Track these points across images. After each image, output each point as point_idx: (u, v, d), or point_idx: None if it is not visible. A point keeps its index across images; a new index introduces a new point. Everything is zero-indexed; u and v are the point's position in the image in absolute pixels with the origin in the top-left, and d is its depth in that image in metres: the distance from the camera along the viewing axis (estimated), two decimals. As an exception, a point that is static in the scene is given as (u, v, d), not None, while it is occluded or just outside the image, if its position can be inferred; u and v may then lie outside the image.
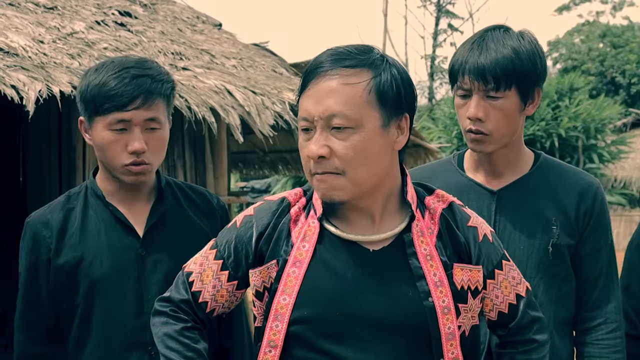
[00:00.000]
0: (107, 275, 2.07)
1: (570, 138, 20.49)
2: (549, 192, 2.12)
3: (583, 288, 2.14)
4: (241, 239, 1.72)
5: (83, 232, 2.10)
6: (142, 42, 5.90)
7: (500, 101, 2.01)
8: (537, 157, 2.19)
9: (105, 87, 2.00)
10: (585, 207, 2.10)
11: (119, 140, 2.03)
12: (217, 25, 7.94)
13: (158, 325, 1.76)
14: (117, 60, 2.08)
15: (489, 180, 2.15)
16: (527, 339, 1.79)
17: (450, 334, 1.61)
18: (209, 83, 5.40)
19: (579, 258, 2.13)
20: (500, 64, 1.98)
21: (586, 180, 2.14)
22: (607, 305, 2.13)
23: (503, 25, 2.10)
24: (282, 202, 1.73)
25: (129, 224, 2.12)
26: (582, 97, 22.04)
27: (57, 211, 2.13)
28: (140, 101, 2.01)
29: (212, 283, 1.74)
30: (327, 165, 1.57)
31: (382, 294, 1.61)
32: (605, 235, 2.15)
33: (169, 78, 2.11)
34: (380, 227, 1.66)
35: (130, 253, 2.10)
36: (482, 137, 2.04)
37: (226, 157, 6.54)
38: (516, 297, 1.76)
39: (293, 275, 1.63)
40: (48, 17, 5.55)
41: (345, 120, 1.55)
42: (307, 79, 1.60)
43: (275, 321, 1.63)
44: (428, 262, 1.63)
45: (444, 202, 1.73)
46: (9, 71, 4.09)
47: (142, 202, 2.16)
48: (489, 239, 1.74)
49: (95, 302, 2.08)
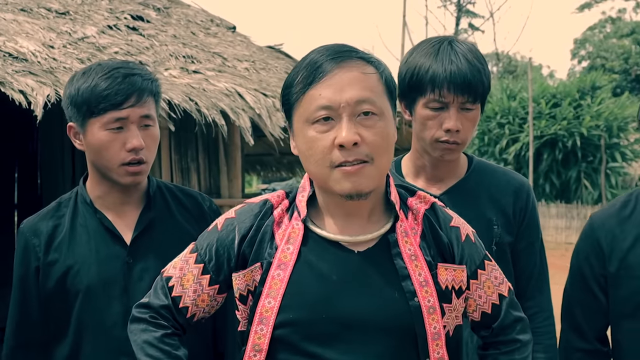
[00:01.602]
0: (94, 284, 2.07)
1: (593, 137, 20.32)
2: (487, 194, 2.19)
3: (519, 280, 2.22)
4: (223, 242, 1.70)
5: (71, 241, 2.10)
6: (154, 46, 5.93)
7: (472, 112, 2.09)
8: (470, 160, 2.26)
9: (98, 88, 2.01)
10: (520, 204, 2.20)
11: (116, 140, 2.04)
12: (231, 28, 7.96)
13: (137, 332, 1.73)
14: (103, 64, 2.10)
15: (429, 185, 2.20)
16: (510, 339, 1.78)
17: (436, 334, 1.61)
18: (219, 86, 5.42)
19: (515, 252, 2.22)
20: (479, 78, 2.05)
21: (517, 179, 2.24)
22: (540, 295, 2.25)
23: (454, 37, 2.16)
24: (264, 204, 1.71)
25: (116, 232, 2.12)
26: (605, 96, 21.83)
27: (47, 219, 2.14)
28: (134, 99, 2.03)
29: (193, 287, 1.72)
30: (358, 152, 1.54)
31: (368, 295, 1.60)
32: (536, 230, 2.26)
33: (155, 77, 2.15)
34: (366, 228, 1.66)
35: (118, 262, 2.10)
36: (455, 147, 2.10)
37: (240, 160, 6.55)
38: (499, 297, 1.76)
39: (278, 278, 1.62)
40: (60, 22, 5.60)
41: (374, 107, 1.55)
42: (320, 70, 1.57)
43: (260, 325, 1.61)
44: (413, 262, 1.63)
45: (426, 203, 1.73)
46: (17, 76, 4.13)
47: (131, 207, 2.16)
48: (471, 239, 1.75)
49: (83, 311, 2.07)
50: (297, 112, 1.60)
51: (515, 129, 21.25)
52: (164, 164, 6.02)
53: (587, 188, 20.61)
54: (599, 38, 33.32)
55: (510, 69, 35.32)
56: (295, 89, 1.60)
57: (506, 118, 21.60)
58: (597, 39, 33.25)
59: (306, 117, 1.57)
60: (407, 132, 9.71)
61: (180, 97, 4.84)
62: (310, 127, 1.57)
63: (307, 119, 1.57)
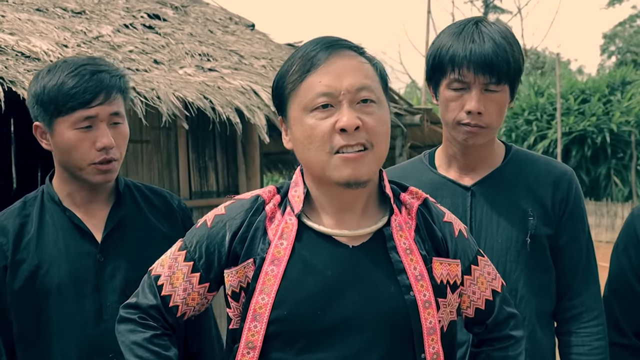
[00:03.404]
0: (64, 282, 2.03)
1: (623, 133, 20.07)
2: (523, 184, 2.09)
3: (563, 277, 2.11)
4: (213, 239, 1.66)
5: (40, 239, 2.06)
6: (170, 44, 5.91)
7: (498, 95, 1.99)
8: (509, 150, 2.17)
9: (65, 86, 1.96)
10: (561, 195, 2.08)
11: (85, 139, 2.00)
12: (249, 25, 7.94)
13: (125, 333, 1.70)
14: (69, 60, 2.05)
15: (462, 176, 2.13)
16: (503, 335, 1.77)
17: (432, 329, 1.60)
18: (234, 84, 5.38)
19: (557, 247, 2.10)
20: (504, 57, 1.97)
21: (559, 168, 2.13)
22: (587, 293, 2.11)
23: (483, 18, 2.08)
24: (256, 200, 1.68)
25: (87, 229, 2.07)
26: (635, 91, 21.56)
27: (14, 217, 2.09)
28: (102, 97, 1.99)
29: (183, 286, 1.68)
30: (359, 136, 1.54)
31: (363, 290, 1.58)
32: (582, 223, 2.12)
33: (124, 73, 2.10)
34: (361, 222, 1.63)
35: (89, 259, 2.05)
36: (478, 130, 2.01)
37: (258, 158, 6.53)
38: (492, 292, 1.75)
39: (272, 274, 1.59)
40: (75, 22, 5.60)
41: (373, 94, 1.56)
42: (317, 58, 1.56)
43: (254, 322, 1.58)
44: (408, 255, 1.62)
45: (419, 199, 1.72)
46: (29, 75, 4.12)
47: (100, 205, 2.12)
48: (464, 234, 1.74)
49: (53, 309, 2.03)
50: (294, 101, 1.58)
51: (543, 125, 21.04)
52: (181, 162, 6.01)
53: (617, 185, 20.35)
54: (629, 33, 32.90)
55: (538, 65, 35.06)
56: (291, 79, 1.58)
57: (534, 115, 21.39)
58: (627, 34, 32.83)
59: (304, 105, 1.56)
60: (429, 128, 9.63)
61: (195, 95, 4.81)
62: (309, 115, 1.55)
63: (306, 106, 1.56)
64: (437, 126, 8.65)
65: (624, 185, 20.38)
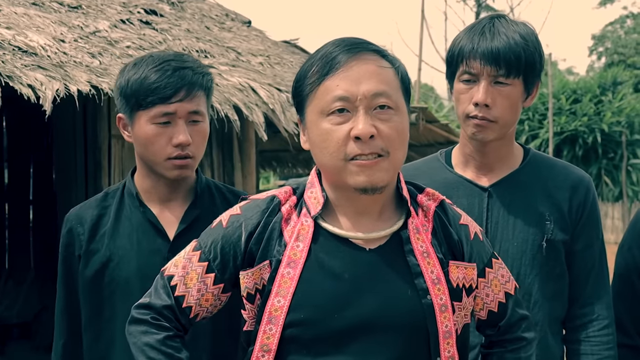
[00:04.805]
0: (132, 277, 2.05)
1: (614, 133, 20.14)
2: (541, 187, 2.07)
3: (575, 284, 2.09)
4: (229, 239, 1.64)
5: (115, 232, 2.09)
6: (167, 40, 5.87)
7: (508, 88, 1.97)
8: (527, 152, 2.15)
9: (147, 80, 1.98)
10: (578, 201, 2.06)
11: (163, 134, 2.01)
12: (246, 22, 7.90)
13: (137, 334, 1.67)
14: (155, 55, 2.06)
15: (479, 176, 2.11)
16: (516, 337, 1.76)
17: (447, 332, 1.58)
18: (232, 81, 5.34)
19: (572, 254, 2.08)
20: (513, 49, 1.95)
21: (577, 174, 2.10)
22: (598, 301, 2.08)
23: (503, 14, 2.07)
24: (272, 200, 1.66)
25: (160, 227, 2.09)
26: (626, 91, 21.64)
27: (93, 208, 2.13)
28: (183, 93, 1.99)
29: (197, 287, 1.66)
30: (374, 145, 1.52)
31: (380, 293, 1.57)
32: (596, 230, 2.11)
33: (208, 71, 2.10)
34: (377, 225, 1.62)
35: (158, 257, 2.06)
36: (486, 124, 2.00)
37: (254, 156, 6.49)
38: (505, 295, 1.74)
39: (288, 277, 1.57)
40: (72, 16, 5.55)
41: (390, 100, 1.54)
42: (336, 60, 1.54)
43: (269, 324, 1.56)
44: (425, 259, 1.60)
45: (435, 200, 1.70)
46: (26, 70, 4.07)
47: (177, 202, 2.13)
48: (480, 237, 1.73)
49: (118, 302, 2.05)
50: (312, 103, 1.57)
51: (535, 125, 21.08)
52: (177, 160, 5.95)
53: (608, 185, 20.42)
54: (618, 34, 33.00)
55: (529, 65, 35.07)
56: (310, 80, 1.57)
57: (525, 114, 21.42)
58: (616, 35, 32.93)
59: (321, 109, 1.55)
60: (424, 127, 9.61)
61: (193, 92, 4.76)
62: (325, 119, 1.54)
63: (322, 110, 1.54)
64: (432, 125, 8.65)
65: (615, 185, 20.46)
